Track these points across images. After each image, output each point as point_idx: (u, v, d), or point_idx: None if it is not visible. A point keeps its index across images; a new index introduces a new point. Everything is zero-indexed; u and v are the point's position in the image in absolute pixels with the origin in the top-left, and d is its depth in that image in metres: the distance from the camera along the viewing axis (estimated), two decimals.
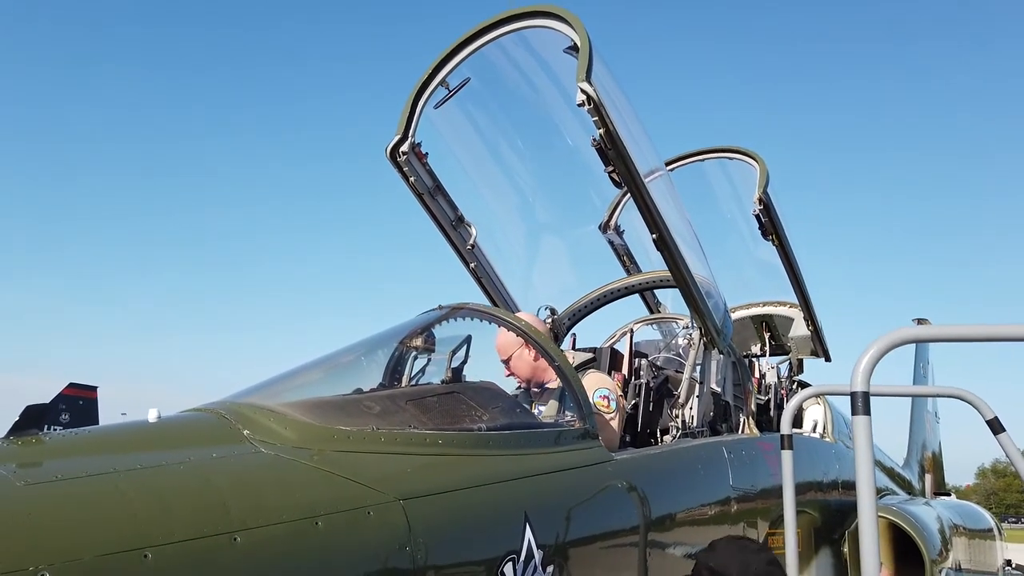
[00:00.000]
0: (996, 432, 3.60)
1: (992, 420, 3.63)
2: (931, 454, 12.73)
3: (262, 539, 2.00)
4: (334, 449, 2.50)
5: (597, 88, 3.59)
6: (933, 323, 12.87)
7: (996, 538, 8.96)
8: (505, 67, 4.47)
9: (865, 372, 2.35)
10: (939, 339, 2.54)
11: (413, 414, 2.99)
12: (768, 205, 5.58)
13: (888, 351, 2.41)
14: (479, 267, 5.17)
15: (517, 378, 4.18)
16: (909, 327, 2.61)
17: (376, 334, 3.82)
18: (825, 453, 6.22)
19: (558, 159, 5.14)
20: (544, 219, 5.62)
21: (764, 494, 4.53)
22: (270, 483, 2.22)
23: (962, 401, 3.74)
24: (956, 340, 2.53)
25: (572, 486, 3.13)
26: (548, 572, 2.76)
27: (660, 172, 4.57)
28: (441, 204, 4.93)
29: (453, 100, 4.56)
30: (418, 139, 4.65)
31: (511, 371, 4.12)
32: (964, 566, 7.20)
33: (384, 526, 2.29)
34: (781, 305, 6.72)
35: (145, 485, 2.00)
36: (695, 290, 4.32)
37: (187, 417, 2.62)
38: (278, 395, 2.86)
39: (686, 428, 4.36)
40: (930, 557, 5.78)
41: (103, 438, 2.39)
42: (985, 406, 3.69)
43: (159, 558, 1.79)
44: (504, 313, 4.03)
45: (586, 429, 3.36)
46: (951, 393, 3.96)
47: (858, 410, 2.34)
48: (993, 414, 3.65)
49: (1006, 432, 3.59)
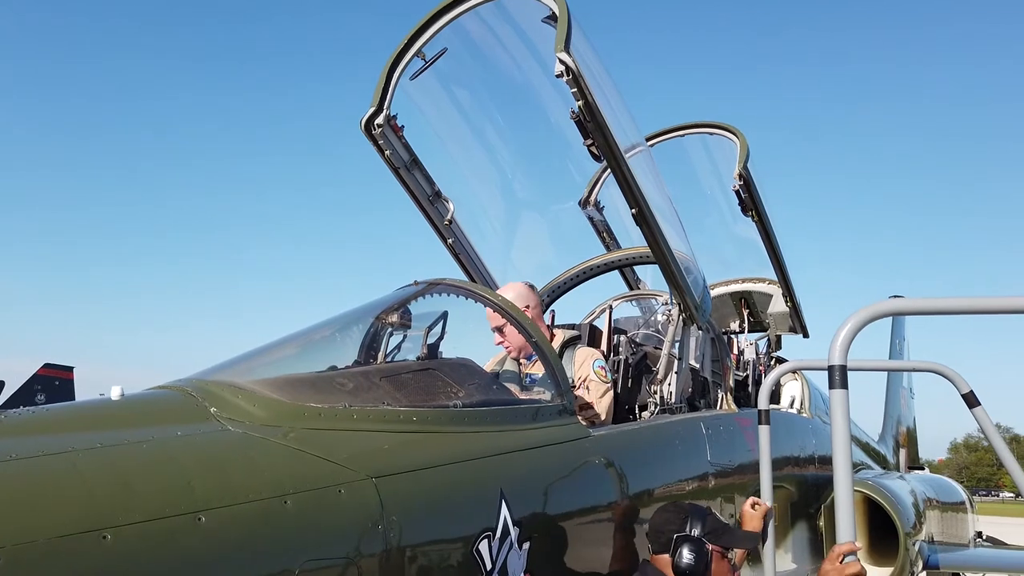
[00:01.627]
0: (971, 406, 3.62)
1: (967, 394, 3.65)
2: (905, 429, 12.91)
3: (228, 519, 1.94)
4: (305, 427, 2.44)
5: (576, 59, 3.51)
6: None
7: (968, 511, 9.12)
8: (483, 37, 4.36)
9: (843, 346, 2.34)
10: (916, 312, 2.53)
11: (387, 391, 2.93)
12: (748, 181, 5.55)
13: (865, 325, 2.40)
14: (457, 243, 5.09)
15: (508, 347, 4.16)
16: (886, 301, 2.60)
17: (351, 310, 3.75)
18: (802, 428, 6.26)
19: (537, 132, 5.06)
20: (523, 194, 5.54)
21: (742, 469, 4.54)
22: (237, 461, 2.16)
23: (938, 375, 3.75)
24: (932, 313, 2.52)
25: (549, 463, 3.09)
26: (524, 549, 2.73)
27: (640, 147, 4.51)
28: (418, 178, 4.84)
29: (430, 71, 4.45)
30: (394, 111, 4.54)
31: (503, 339, 4.10)
32: (937, 538, 7.32)
33: (356, 504, 2.24)
34: (760, 282, 6.72)
35: (104, 464, 1.93)
36: (674, 266, 4.28)
37: (151, 395, 2.55)
38: (248, 372, 2.79)
39: (664, 404, 4.35)
40: (904, 530, 5.85)
41: (62, 416, 2.31)
42: (961, 380, 3.71)
43: (118, 539, 1.72)
44: (482, 288, 3.97)
45: (564, 405, 3.33)
46: (927, 367, 3.97)
47: (835, 383, 2.34)
48: (968, 388, 3.67)
49: (981, 406, 3.61)
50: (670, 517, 3.00)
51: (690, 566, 2.85)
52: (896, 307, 2.55)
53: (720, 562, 2.94)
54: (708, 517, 2.97)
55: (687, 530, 2.91)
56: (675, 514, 3.01)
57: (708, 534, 2.91)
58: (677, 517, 2.98)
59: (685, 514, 2.98)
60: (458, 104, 4.82)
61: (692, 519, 2.94)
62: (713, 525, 2.95)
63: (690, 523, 2.93)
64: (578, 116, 3.68)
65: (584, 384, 4.10)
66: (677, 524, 2.94)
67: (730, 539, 2.99)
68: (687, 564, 2.85)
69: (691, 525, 2.92)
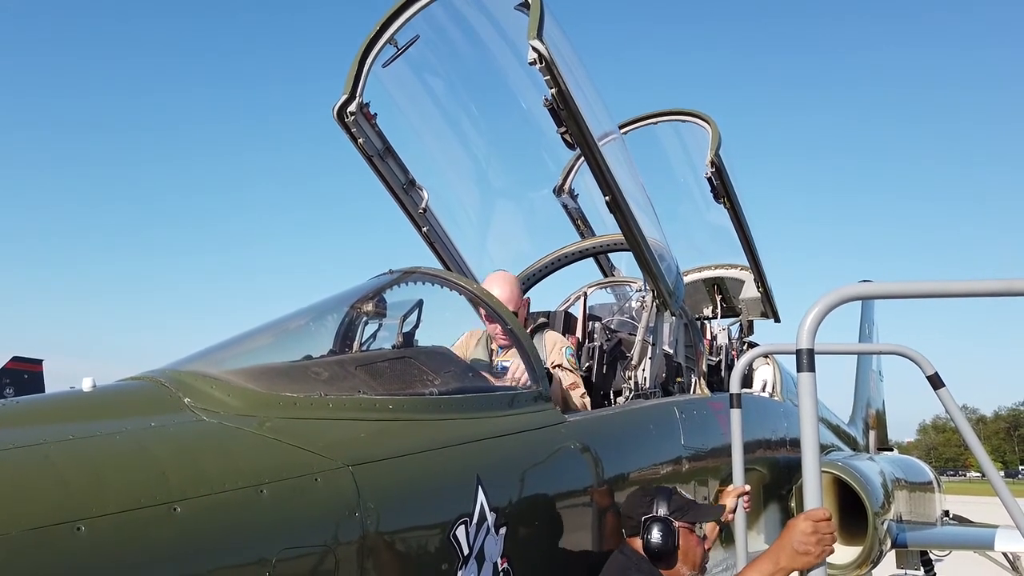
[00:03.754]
0: (936, 387, 3.69)
1: (932, 376, 3.72)
2: (875, 411, 13.15)
3: (203, 508, 1.93)
4: (280, 416, 2.43)
5: (549, 46, 3.51)
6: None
7: (935, 491, 9.33)
8: (455, 25, 4.35)
9: (810, 329, 2.39)
10: (881, 296, 2.59)
11: (363, 379, 2.93)
12: (720, 168, 5.60)
13: (832, 309, 2.45)
14: (431, 231, 5.08)
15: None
16: (853, 285, 2.66)
17: (326, 299, 3.73)
18: (774, 412, 6.36)
19: (511, 121, 5.06)
20: (497, 182, 5.55)
21: (715, 453, 4.61)
22: (212, 451, 2.14)
23: (904, 357, 3.83)
24: (897, 297, 2.57)
25: (525, 448, 3.12)
26: (501, 534, 2.76)
27: (613, 134, 4.53)
28: (391, 167, 4.82)
29: (402, 59, 4.43)
30: (366, 99, 4.51)
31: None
32: (905, 517, 7.48)
33: (332, 492, 2.24)
34: (732, 268, 6.79)
35: (77, 455, 1.91)
36: (648, 253, 4.32)
37: (124, 386, 2.52)
38: (222, 362, 2.77)
39: (639, 389, 4.39)
40: (873, 509, 5.97)
41: (33, 409, 2.28)
42: (926, 362, 3.79)
43: (92, 531, 1.71)
44: (457, 277, 3.97)
45: (539, 391, 3.35)
46: (893, 350, 4.04)
47: (803, 367, 2.39)
48: (933, 370, 3.75)
49: (945, 387, 3.69)
50: (637, 501, 3.10)
51: (659, 544, 2.95)
52: (862, 291, 2.61)
53: (689, 536, 3.03)
54: (673, 496, 3.07)
55: (654, 511, 3.01)
56: (641, 498, 3.10)
57: (674, 512, 3.01)
58: (644, 500, 3.07)
59: (651, 496, 3.08)
60: (431, 92, 4.80)
61: (657, 500, 3.04)
62: (678, 503, 3.05)
63: (656, 504, 3.03)
64: (551, 104, 3.69)
65: (555, 368, 4.13)
66: (644, 507, 3.04)
67: (695, 514, 3.08)
68: (656, 542, 2.95)
69: (657, 505, 3.02)
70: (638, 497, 3.13)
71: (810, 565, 2.47)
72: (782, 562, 2.50)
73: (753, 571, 2.58)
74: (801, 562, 2.48)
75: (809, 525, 2.45)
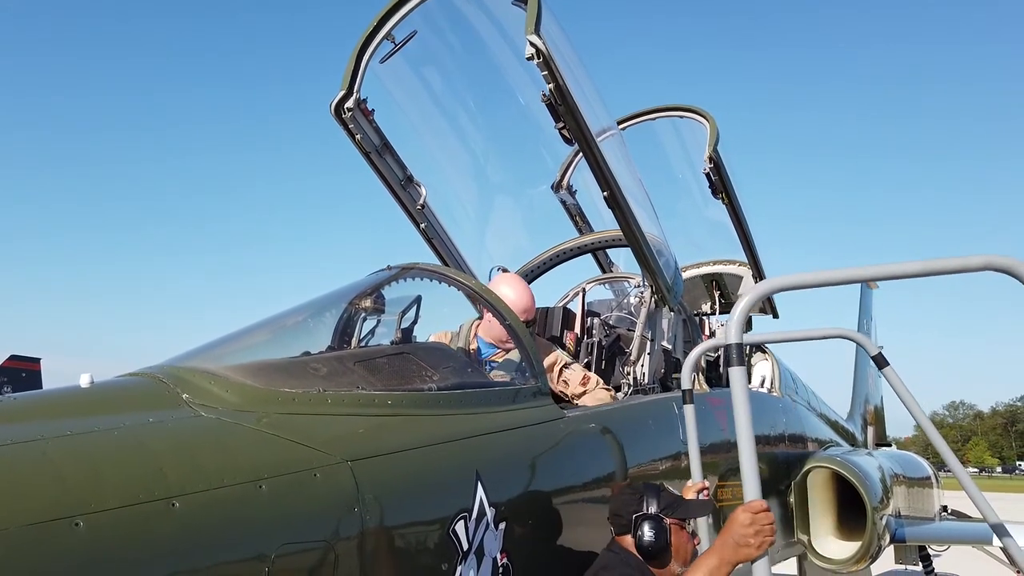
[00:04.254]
0: (881, 367, 3.68)
1: (877, 356, 3.71)
2: (873, 407, 13.15)
3: (202, 504, 1.93)
4: (279, 412, 2.43)
5: (546, 41, 3.51)
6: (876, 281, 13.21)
7: (934, 486, 9.32)
8: (453, 20, 4.34)
9: (738, 324, 2.43)
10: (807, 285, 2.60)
11: (362, 375, 2.93)
12: (718, 163, 5.59)
13: (757, 302, 2.51)
14: (429, 227, 5.07)
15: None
16: (776, 278, 2.71)
17: (324, 295, 3.73)
18: (772, 407, 6.37)
19: (509, 116, 5.05)
20: (496, 178, 5.54)
21: (714, 448, 4.61)
22: (210, 447, 2.14)
23: (848, 340, 3.86)
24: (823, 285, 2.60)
25: (524, 444, 3.12)
26: (500, 529, 2.76)
27: (611, 130, 4.53)
28: (389, 163, 4.80)
29: (399, 54, 4.41)
30: (364, 95, 4.50)
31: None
32: (904, 513, 7.48)
33: (332, 488, 2.24)
34: (731, 264, 6.78)
35: (75, 451, 1.90)
36: (646, 249, 4.32)
37: (122, 382, 2.52)
38: (220, 358, 2.77)
39: (638, 385, 4.39)
40: (871, 505, 5.97)
41: (31, 405, 2.27)
42: (869, 343, 3.83)
43: (91, 526, 1.71)
44: (456, 273, 3.97)
45: (538, 387, 3.35)
46: (836, 334, 3.98)
47: (732, 361, 2.43)
48: (877, 350, 3.75)
49: (890, 366, 3.68)
50: (626, 499, 3.05)
51: (651, 542, 2.92)
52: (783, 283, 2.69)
53: (680, 533, 3.01)
54: (662, 493, 3.04)
55: (644, 508, 2.97)
56: (631, 495, 3.06)
57: (664, 509, 2.98)
58: (633, 498, 3.03)
59: (640, 494, 3.03)
60: (429, 88, 4.79)
61: (647, 497, 3.00)
62: (668, 500, 3.02)
63: (645, 501, 2.99)
64: (549, 99, 3.68)
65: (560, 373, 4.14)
66: (634, 504, 3.00)
67: (685, 510, 3.06)
68: (649, 540, 2.92)
69: (647, 503, 2.98)
70: (626, 495, 3.09)
71: (751, 557, 2.45)
72: (725, 555, 2.49)
73: (700, 567, 2.57)
74: (743, 554, 2.46)
75: (747, 517, 2.45)
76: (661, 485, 3.15)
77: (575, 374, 4.16)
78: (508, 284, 4.24)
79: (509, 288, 4.15)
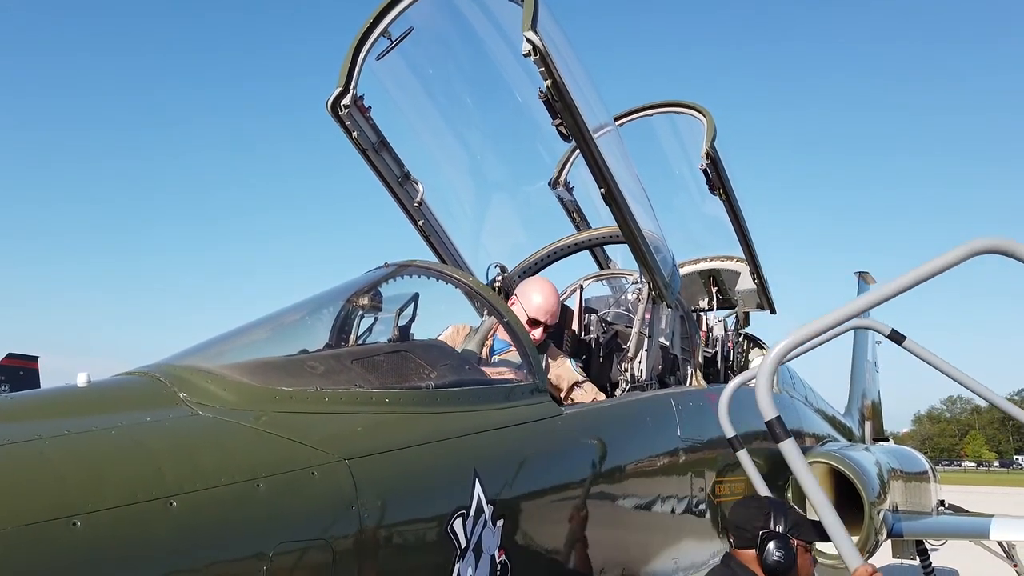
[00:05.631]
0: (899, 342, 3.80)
1: (891, 333, 3.84)
2: (871, 402, 13.19)
3: (200, 503, 1.93)
4: (276, 410, 2.43)
5: (543, 38, 3.50)
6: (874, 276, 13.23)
7: (931, 480, 9.34)
8: (449, 16, 4.33)
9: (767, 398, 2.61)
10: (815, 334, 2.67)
11: (359, 373, 2.92)
12: (715, 159, 5.58)
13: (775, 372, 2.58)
14: (427, 225, 5.06)
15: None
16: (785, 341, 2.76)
17: (321, 293, 3.73)
18: None
19: (506, 113, 5.04)
20: (493, 175, 5.52)
21: (711, 444, 4.62)
22: (208, 446, 2.14)
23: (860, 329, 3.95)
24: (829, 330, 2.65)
25: (522, 441, 3.12)
26: (498, 526, 2.76)
27: (608, 126, 4.52)
28: (386, 160, 4.79)
29: (396, 51, 4.39)
30: (360, 92, 4.48)
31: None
32: (901, 507, 7.50)
33: (329, 486, 2.24)
34: (728, 260, 6.77)
35: (73, 451, 1.90)
36: (643, 245, 4.32)
37: (119, 381, 2.51)
38: (217, 357, 2.76)
39: (635, 381, 4.40)
40: (869, 499, 5.99)
41: (29, 404, 2.27)
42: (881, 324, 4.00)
43: (89, 526, 1.71)
44: (452, 270, 3.97)
45: (536, 384, 3.35)
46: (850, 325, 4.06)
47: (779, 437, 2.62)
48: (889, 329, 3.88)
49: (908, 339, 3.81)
50: (753, 513, 2.97)
51: (779, 562, 2.84)
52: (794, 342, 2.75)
53: (804, 556, 2.93)
54: (789, 512, 2.97)
55: (771, 526, 2.89)
56: (757, 510, 2.98)
57: (791, 528, 2.90)
58: (760, 513, 2.95)
59: (767, 509, 2.95)
60: (425, 84, 4.77)
61: (774, 514, 2.92)
62: (795, 519, 2.94)
63: (773, 518, 2.91)
64: (546, 96, 3.67)
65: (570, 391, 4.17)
66: (760, 520, 2.92)
67: (811, 533, 2.97)
68: (775, 560, 2.84)
69: (774, 520, 2.91)
70: (752, 508, 3.00)
71: None
72: None
73: None
74: None
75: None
76: (786, 502, 3.08)
77: (586, 395, 4.18)
78: (536, 287, 4.32)
79: (537, 292, 4.26)
